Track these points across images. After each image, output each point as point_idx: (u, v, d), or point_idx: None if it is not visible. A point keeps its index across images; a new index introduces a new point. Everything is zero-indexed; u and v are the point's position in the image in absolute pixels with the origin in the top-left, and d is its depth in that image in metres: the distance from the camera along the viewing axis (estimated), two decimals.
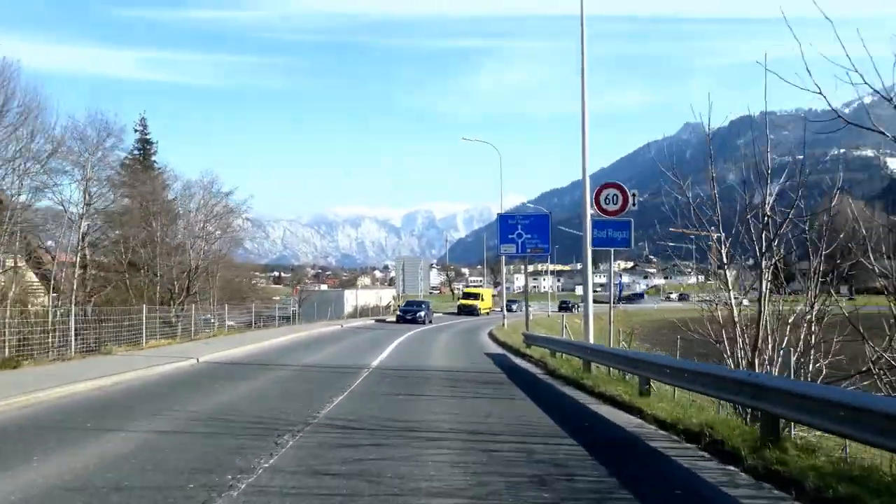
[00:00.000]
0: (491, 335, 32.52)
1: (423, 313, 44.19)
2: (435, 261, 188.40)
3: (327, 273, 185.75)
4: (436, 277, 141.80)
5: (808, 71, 6.58)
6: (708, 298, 11.85)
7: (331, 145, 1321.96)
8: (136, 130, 45.43)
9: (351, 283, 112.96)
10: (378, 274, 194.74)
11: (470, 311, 60.59)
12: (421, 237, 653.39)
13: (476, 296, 66.33)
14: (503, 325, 38.55)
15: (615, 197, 15.38)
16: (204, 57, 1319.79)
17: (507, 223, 40.45)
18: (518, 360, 20.11)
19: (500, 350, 24.55)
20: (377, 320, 48.10)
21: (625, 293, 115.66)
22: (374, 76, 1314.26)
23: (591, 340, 16.31)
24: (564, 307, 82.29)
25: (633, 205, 15.32)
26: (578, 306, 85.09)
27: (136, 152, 44.84)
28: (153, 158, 45.02)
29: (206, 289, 36.63)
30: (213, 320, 33.10)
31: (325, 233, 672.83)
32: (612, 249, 15.76)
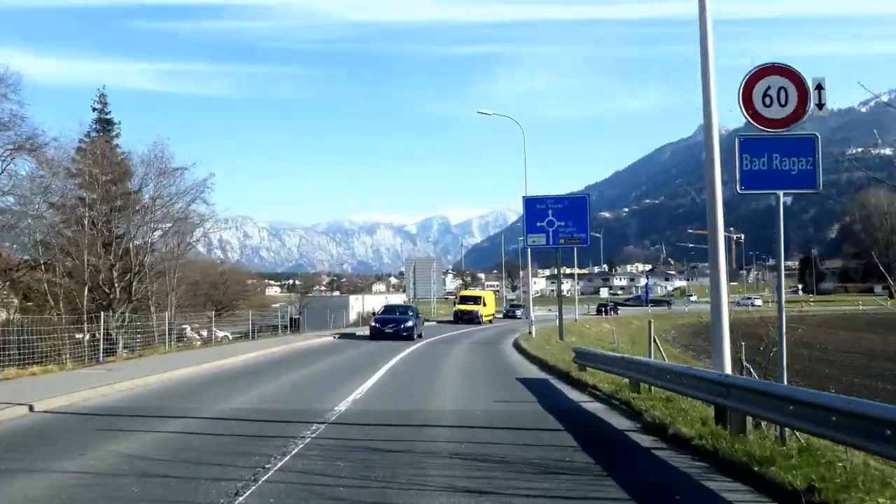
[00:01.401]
0: (518, 347, 24.94)
1: (410, 323, 29.53)
2: (451, 266, 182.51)
3: (342, 280, 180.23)
4: (451, 283, 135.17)
5: None
6: None
7: (345, 153, 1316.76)
8: (94, 109, 38.68)
9: (365, 290, 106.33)
10: (393, 280, 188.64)
11: (469, 319, 48.41)
12: (437, 243, 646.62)
13: (477, 299, 53.22)
14: (530, 332, 30.95)
15: (782, 92, 7.84)
16: (217, 67, 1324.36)
17: (535, 208, 32.59)
18: (576, 395, 12.67)
19: (537, 372, 17.15)
20: (340, 336, 32.19)
21: (651, 297, 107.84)
22: (388, 83, 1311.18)
23: (728, 369, 8.87)
24: (602, 309, 74.80)
25: (820, 106, 7.83)
26: (618, 309, 77.13)
27: (93, 134, 38.27)
28: (115, 142, 38.18)
29: (164, 293, 29.71)
30: (184, 331, 28.55)
31: (341, 240, 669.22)
32: (782, 196, 8.12)
